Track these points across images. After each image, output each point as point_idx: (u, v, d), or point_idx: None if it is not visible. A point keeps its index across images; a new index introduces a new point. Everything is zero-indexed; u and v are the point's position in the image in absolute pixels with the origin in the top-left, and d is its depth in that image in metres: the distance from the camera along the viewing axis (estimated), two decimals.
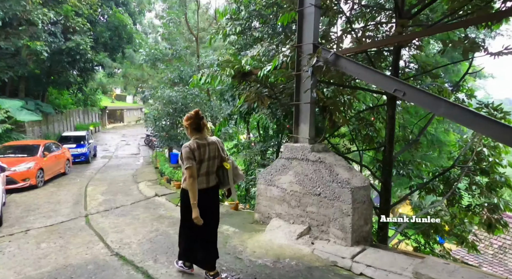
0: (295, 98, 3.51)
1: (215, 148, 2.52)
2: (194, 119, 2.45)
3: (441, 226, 6.39)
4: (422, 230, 6.41)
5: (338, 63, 3.05)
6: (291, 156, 3.52)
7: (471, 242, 6.32)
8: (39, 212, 5.81)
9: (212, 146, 2.49)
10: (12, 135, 11.29)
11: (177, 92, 9.04)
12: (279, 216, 3.67)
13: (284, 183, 3.62)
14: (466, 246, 6.42)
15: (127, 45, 17.14)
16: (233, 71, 4.12)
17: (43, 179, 8.45)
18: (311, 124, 3.40)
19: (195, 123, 2.45)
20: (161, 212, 5.36)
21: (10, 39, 11.96)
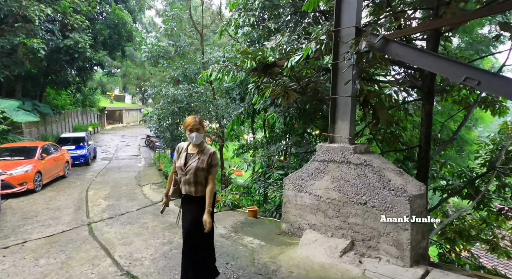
0: (332, 91, 3.07)
1: None
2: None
3: (466, 231, 5.99)
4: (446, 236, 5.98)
5: (387, 48, 2.61)
6: (327, 159, 3.07)
7: (503, 248, 5.90)
8: (37, 220, 5.33)
9: None
10: (9, 137, 10.76)
11: (182, 90, 8.57)
12: (312, 227, 3.22)
13: (318, 190, 3.17)
14: (497, 252, 6.01)
15: (127, 43, 16.63)
16: (254, 63, 3.67)
17: (41, 183, 7.96)
18: (352, 121, 2.95)
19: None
20: (171, 220, 4.88)
21: (5, 37, 11.43)
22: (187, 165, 2.41)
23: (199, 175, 2.39)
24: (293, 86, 3.54)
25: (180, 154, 2.49)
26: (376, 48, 2.64)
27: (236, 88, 9.22)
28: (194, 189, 2.43)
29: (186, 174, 2.41)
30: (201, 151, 2.43)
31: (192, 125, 2.37)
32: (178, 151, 2.53)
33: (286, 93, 3.46)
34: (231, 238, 3.68)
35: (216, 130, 10.12)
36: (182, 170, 2.42)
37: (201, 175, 2.39)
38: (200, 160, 2.39)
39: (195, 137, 2.38)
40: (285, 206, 3.55)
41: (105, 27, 15.82)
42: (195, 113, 9.39)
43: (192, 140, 2.40)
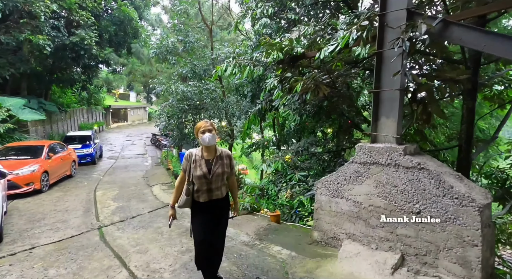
0: (375, 84, 2.71)
1: None
2: None
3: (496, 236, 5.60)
4: None
5: (447, 33, 2.24)
6: (370, 160, 2.72)
7: None
8: (45, 223, 5.07)
9: None
10: (15, 135, 10.58)
11: (192, 87, 8.25)
12: (351, 237, 2.88)
13: (358, 195, 2.83)
14: None
15: (134, 40, 16.35)
16: (281, 54, 3.32)
17: (48, 183, 7.73)
18: (400, 118, 2.60)
19: None
20: (187, 225, 4.57)
21: (11, 33, 11.21)
22: (212, 172, 2.33)
23: (224, 178, 2.42)
24: (325, 80, 3.19)
25: (195, 162, 2.35)
26: (434, 34, 2.28)
27: (248, 85, 8.89)
28: (221, 191, 2.43)
29: (212, 182, 2.34)
30: (219, 155, 2.40)
31: (204, 127, 2.33)
32: (190, 159, 2.38)
33: (318, 87, 3.11)
34: (256, 247, 3.37)
35: (226, 128, 9.80)
36: (207, 178, 2.32)
37: (225, 178, 2.43)
38: (225, 164, 2.40)
39: (209, 137, 2.29)
40: (317, 212, 3.21)
41: (110, 24, 15.57)
42: (205, 110, 9.08)
43: (205, 141, 2.29)
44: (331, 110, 6.26)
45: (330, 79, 3.28)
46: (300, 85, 3.09)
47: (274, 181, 5.36)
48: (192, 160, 2.36)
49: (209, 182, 2.33)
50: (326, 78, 3.19)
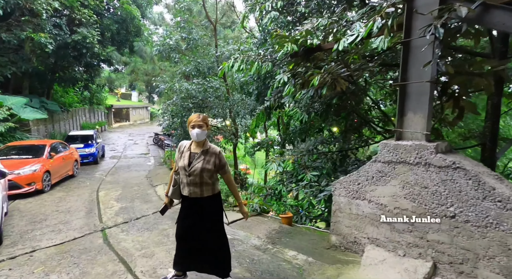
0: (401, 76, 2.50)
1: None
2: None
3: None
4: None
5: (487, 18, 2.02)
6: (395, 159, 2.51)
7: None
8: (46, 225, 4.90)
9: None
10: (16, 135, 10.43)
11: (196, 85, 8.06)
12: (374, 242, 2.67)
13: (381, 197, 2.62)
14: None
15: (136, 38, 16.19)
16: (296, 47, 3.11)
17: (50, 183, 7.58)
18: (429, 113, 2.38)
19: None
20: None
21: (12, 31, 11.07)
22: (191, 166, 2.31)
23: (204, 176, 2.30)
24: (343, 73, 2.97)
25: (182, 153, 2.40)
26: (470, 19, 2.07)
27: (254, 82, 8.68)
28: (200, 190, 2.34)
29: (190, 175, 2.30)
30: (205, 150, 2.34)
31: (195, 121, 2.30)
32: (180, 150, 2.44)
33: (335, 81, 2.90)
34: (269, 252, 3.16)
35: (230, 127, 9.60)
36: (186, 170, 2.31)
37: (207, 176, 2.31)
38: (206, 161, 2.31)
39: (197, 133, 2.28)
40: (335, 215, 3.00)
41: (113, 22, 15.42)
42: (210, 109, 8.88)
43: (193, 136, 2.30)
44: (341, 108, 6.06)
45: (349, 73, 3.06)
46: (317, 78, 2.88)
47: (283, 181, 5.15)
48: (181, 151, 2.42)
49: (188, 176, 2.30)
50: (344, 71, 2.97)
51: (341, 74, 2.94)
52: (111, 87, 21.86)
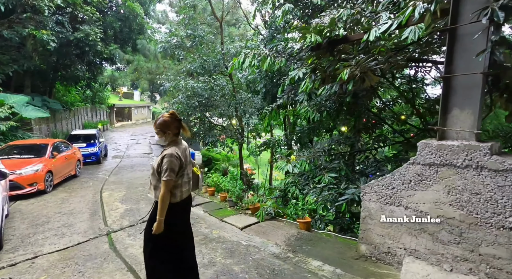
0: (445, 68, 2.25)
1: (188, 153, 2.35)
2: (173, 122, 2.23)
3: None
4: None
5: None
6: (438, 161, 2.25)
7: None
8: (49, 228, 4.68)
9: (187, 150, 2.34)
10: (18, 134, 10.24)
11: (202, 83, 7.82)
12: (413, 254, 2.42)
13: (421, 203, 2.36)
14: None
15: (139, 36, 15.97)
16: (319, 38, 2.86)
17: (52, 183, 7.37)
18: (480, 109, 2.12)
19: (176, 127, 2.23)
20: (204, 231, 4.15)
21: (14, 28, 10.87)
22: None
23: (152, 178, 2.26)
24: (374, 66, 2.72)
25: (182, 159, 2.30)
26: None
27: (262, 80, 8.43)
28: (153, 192, 2.28)
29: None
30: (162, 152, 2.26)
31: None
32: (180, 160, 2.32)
33: (365, 74, 2.65)
34: (290, 261, 2.92)
35: (236, 126, 9.36)
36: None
37: (153, 178, 2.25)
38: (156, 162, 2.23)
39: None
40: (364, 222, 2.75)
41: (115, 20, 15.21)
42: (215, 108, 8.64)
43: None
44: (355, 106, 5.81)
45: (382, 65, 2.79)
46: (346, 72, 2.64)
47: (297, 182, 4.90)
48: None
49: None
50: (374, 64, 2.72)
51: (372, 67, 2.68)
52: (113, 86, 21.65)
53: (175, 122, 2.22)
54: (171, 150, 2.14)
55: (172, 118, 2.21)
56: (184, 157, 2.21)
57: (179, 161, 2.13)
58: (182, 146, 2.25)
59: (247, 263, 2.91)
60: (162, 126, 2.19)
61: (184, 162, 2.19)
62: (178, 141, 2.25)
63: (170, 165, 2.09)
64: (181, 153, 2.17)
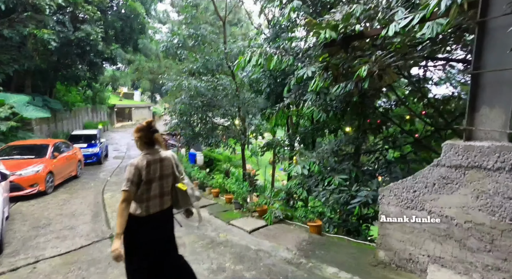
0: (474, 64, 2.13)
1: (169, 164, 2.22)
2: (145, 131, 2.14)
3: None
4: None
5: None
6: (467, 163, 2.12)
7: None
8: (50, 230, 4.56)
9: (165, 162, 2.19)
10: (18, 134, 10.13)
11: (205, 82, 7.71)
12: (438, 261, 2.29)
13: (446, 208, 2.24)
14: None
15: (141, 36, 15.86)
16: (334, 34, 2.75)
17: (53, 184, 7.26)
18: None
19: (147, 137, 2.13)
20: (211, 234, 4.02)
21: (14, 27, 10.76)
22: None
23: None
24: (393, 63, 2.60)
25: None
26: None
27: (266, 79, 8.31)
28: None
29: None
30: None
31: None
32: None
33: (384, 72, 2.53)
34: (304, 267, 2.80)
35: (239, 126, 9.24)
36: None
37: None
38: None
39: None
40: (383, 227, 2.63)
41: (117, 20, 15.11)
42: (218, 108, 8.52)
43: None
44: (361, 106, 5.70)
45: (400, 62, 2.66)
46: (364, 69, 2.52)
47: (303, 184, 4.78)
48: None
49: None
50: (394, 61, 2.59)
51: (391, 64, 2.56)
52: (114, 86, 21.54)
53: (148, 132, 2.12)
54: (137, 159, 2.06)
55: (145, 127, 2.13)
56: (154, 169, 2.08)
57: (139, 172, 2.00)
58: (156, 156, 2.11)
59: (258, 269, 2.78)
60: (135, 133, 2.14)
61: (152, 174, 2.06)
62: (152, 152, 2.12)
63: (128, 175, 2.01)
64: (150, 162, 2.05)
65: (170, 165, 2.21)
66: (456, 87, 6.06)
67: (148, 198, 2.09)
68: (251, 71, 11.34)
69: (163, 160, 2.16)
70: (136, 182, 2.02)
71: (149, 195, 2.09)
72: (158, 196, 2.14)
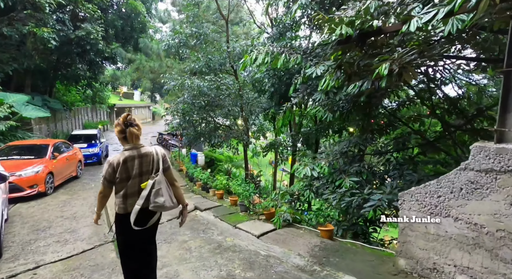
0: (507, 60, 2.00)
1: (149, 160, 2.13)
2: (121, 126, 2.11)
3: None
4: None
5: None
6: (499, 168, 1.97)
7: None
8: (51, 234, 4.43)
9: (146, 158, 2.12)
10: (18, 134, 9.98)
11: (209, 81, 7.58)
12: (465, 272, 2.15)
13: (475, 215, 2.10)
14: None
15: (142, 35, 15.71)
16: (351, 30, 2.62)
17: (53, 185, 7.13)
18: None
19: (123, 131, 2.10)
20: (217, 238, 3.89)
21: (14, 25, 10.60)
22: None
23: None
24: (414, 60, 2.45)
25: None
26: None
27: (270, 79, 8.18)
28: None
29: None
30: None
31: None
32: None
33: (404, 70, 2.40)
34: (318, 275, 2.66)
35: (243, 127, 9.12)
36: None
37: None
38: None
39: None
40: (403, 234, 2.50)
41: (117, 18, 14.97)
42: (221, 108, 8.39)
43: None
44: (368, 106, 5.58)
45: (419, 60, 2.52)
46: (385, 67, 2.38)
47: (311, 186, 4.65)
48: None
49: None
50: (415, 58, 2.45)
51: (412, 62, 2.43)
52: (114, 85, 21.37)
53: (122, 125, 2.09)
54: (115, 156, 2.07)
55: (121, 122, 2.11)
56: (131, 166, 2.04)
57: (112, 169, 2.00)
58: (135, 152, 2.06)
59: (270, 277, 2.66)
60: (114, 129, 2.18)
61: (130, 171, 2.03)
62: (132, 147, 2.09)
63: (104, 171, 2.05)
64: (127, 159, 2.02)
65: (151, 162, 2.12)
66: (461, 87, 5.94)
67: (125, 195, 2.06)
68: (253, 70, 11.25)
69: (143, 156, 2.09)
70: (109, 180, 2.03)
71: (126, 193, 2.05)
72: (137, 194, 2.07)
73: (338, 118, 5.71)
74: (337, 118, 5.66)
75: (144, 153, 2.10)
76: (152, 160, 2.12)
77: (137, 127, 2.12)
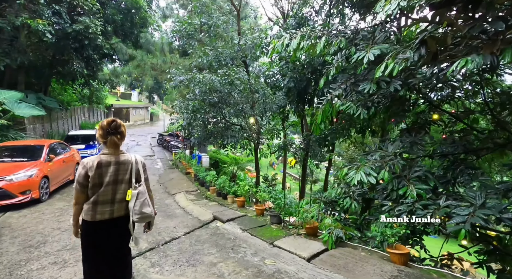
0: None
1: (127, 169, 2.03)
2: (103, 131, 2.01)
3: None
4: None
5: None
6: None
7: None
8: (46, 252, 3.67)
9: (124, 166, 2.02)
10: (9, 134, 9.15)
11: (222, 76, 6.88)
12: None
13: None
14: None
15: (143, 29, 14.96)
16: None
17: (48, 190, 6.36)
18: None
19: (103, 137, 2.01)
20: (253, 261, 3.15)
21: (6, 17, 9.78)
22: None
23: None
24: None
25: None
26: None
27: (289, 73, 7.50)
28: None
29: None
30: None
31: None
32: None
33: None
34: None
35: (254, 125, 8.42)
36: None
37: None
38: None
39: None
40: None
41: (117, 12, 14.21)
42: (235, 105, 7.69)
43: None
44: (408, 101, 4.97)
45: None
46: None
47: (350, 193, 3.96)
48: None
49: None
50: None
51: None
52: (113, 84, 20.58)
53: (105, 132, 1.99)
54: (90, 158, 1.99)
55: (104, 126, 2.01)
56: (106, 172, 1.93)
57: (85, 172, 1.91)
58: (112, 158, 1.97)
59: None
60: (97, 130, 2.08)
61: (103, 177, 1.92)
62: (110, 152, 1.99)
63: (77, 173, 1.98)
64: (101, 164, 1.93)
65: (129, 170, 2.02)
66: None
67: (96, 202, 1.93)
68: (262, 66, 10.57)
69: (120, 164, 2.00)
70: (82, 183, 1.92)
71: (97, 200, 1.93)
72: (110, 202, 1.97)
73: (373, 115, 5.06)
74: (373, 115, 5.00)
75: (122, 161, 2.01)
76: (130, 168, 2.04)
77: (119, 136, 2.02)
